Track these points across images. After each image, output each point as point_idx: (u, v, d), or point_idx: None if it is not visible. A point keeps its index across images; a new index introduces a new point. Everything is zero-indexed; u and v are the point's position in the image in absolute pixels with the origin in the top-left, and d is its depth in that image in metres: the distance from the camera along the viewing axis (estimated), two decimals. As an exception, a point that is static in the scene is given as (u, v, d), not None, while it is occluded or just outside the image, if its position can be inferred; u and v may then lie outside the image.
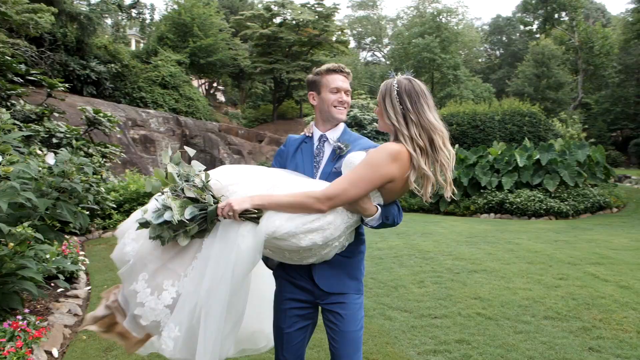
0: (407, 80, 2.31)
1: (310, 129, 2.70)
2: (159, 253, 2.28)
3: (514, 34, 55.03)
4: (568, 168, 13.28)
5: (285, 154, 2.68)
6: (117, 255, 2.41)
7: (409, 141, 2.23)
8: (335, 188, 2.16)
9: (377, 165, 2.16)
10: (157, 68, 26.16)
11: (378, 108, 2.40)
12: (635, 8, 19.37)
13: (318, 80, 2.62)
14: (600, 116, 37.91)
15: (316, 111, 2.67)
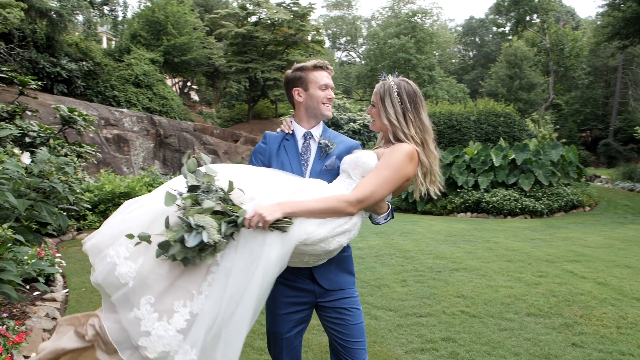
0: (405, 81, 2.43)
1: (290, 126, 2.63)
2: (165, 271, 1.99)
3: (486, 36, 55.86)
4: (542, 168, 13.51)
5: (268, 151, 2.56)
6: (105, 278, 2.00)
7: (411, 139, 2.34)
8: (364, 191, 2.19)
9: (399, 167, 2.25)
10: (131, 66, 25.72)
11: (375, 108, 2.46)
12: (606, 12, 19.81)
13: (304, 76, 2.57)
14: (571, 117, 38.81)
15: (300, 108, 2.61)
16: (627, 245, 8.53)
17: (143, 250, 2.00)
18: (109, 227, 2.12)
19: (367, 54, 41.53)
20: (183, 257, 1.92)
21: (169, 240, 1.91)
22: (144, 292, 1.96)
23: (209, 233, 1.87)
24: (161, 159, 23.12)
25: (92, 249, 2.09)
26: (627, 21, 17.49)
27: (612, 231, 10.18)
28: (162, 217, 2.00)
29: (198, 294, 1.96)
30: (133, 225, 2.02)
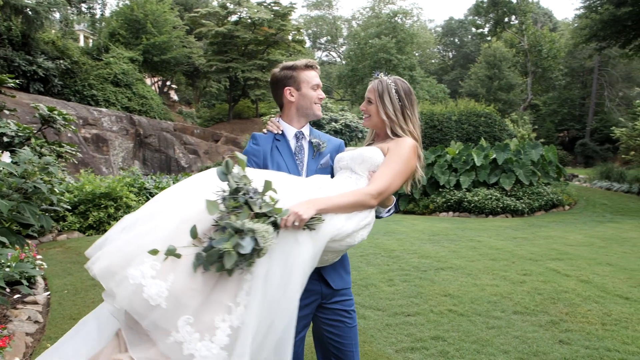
0: (400, 79, 2.54)
1: (279, 126, 2.59)
2: (199, 285, 1.81)
3: (466, 36, 56.44)
4: (523, 167, 13.66)
5: (262, 153, 2.49)
6: (130, 303, 1.77)
7: (409, 134, 2.44)
8: (382, 183, 2.25)
9: (409, 159, 2.35)
10: (109, 65, 25.39)
11: (372, 104, 2.52)
12: (583, 14, 20.15)
13: (296, 75, 2.54)
14: (549, 117, 39.40)
15: (291, 107, 2.57)
16: (607, 244, 8.66)
17: (171, 266, 1.80)
18: (118, 245, 1.88)
19: (347, 54, 41.58)
20: (232, 266, 1.76)
21: (219, 250, 1.73)
22: (180, 312, 1.77)
23: (263, 236, 1.77)
24: (141, 159, 22.86)
25: (105, 273, 1.83)
26: (604, 23, 17.81)
27: (592, 229, 10.33)
28: (184, 227, 1.84)
29: (235, 305, 1.82)
30: (152, 240, 1.83)
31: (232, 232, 1.75)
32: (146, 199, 11.27)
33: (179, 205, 1.93)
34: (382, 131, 2.55)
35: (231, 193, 1.86)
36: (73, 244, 8.63)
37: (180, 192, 2.03)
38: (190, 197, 1.99)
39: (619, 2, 17.47)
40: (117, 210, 10.26)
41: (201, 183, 2.09)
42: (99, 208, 10.13)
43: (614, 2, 17.70)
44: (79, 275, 6.50)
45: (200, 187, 2.03)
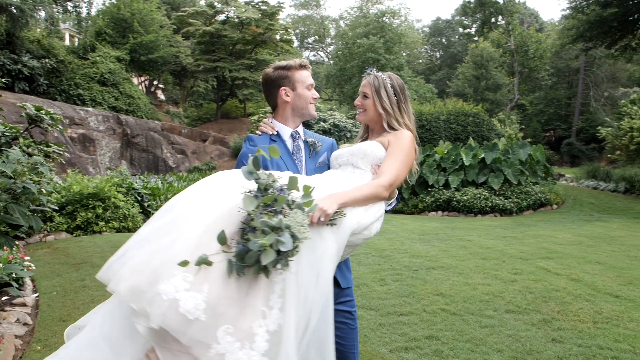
0: (394, 75, 2.62)
1: (274, 127, 2.57)
2: (234, 292, 1.74)
3: (453, 37, 56.67)
4: (511, 167, 13.75)
5: (262, 155, 2.47)
6: (165, 320, 1.67)
7: (405, 127, 2.53)
8: (391, 174, 2.31)
9: (410, 150, 2.44)
10: (96, 64, 25.17)
11: (367, 99, 2.59)
12: (570, 15, 20.34)
13: (290, 75, 2.53)
14: (535, 117, 39.73)
15: (286, 108, 2.57)
16: (596, 242, 8.74)
17: (203, 276, 1.72)
18: (141, 260, 1.76)
19: (335, 53, 41.59)
20: (272, 265, 1.70)
21: (258, 250, 1.66)
22: (219, 322, 1.70)
23: (299, 230, 1.72)
24: (128, 159, 22.68)
25: (134, 293, 1.71)
26: (590, 24, 17.99)
27: (580, 228, 10.42)
28: (209, 234, 1.76)
29: (269, 309, 1.75)
30: (178, 250, 1.73)
31: (269, 230, 1.69)
32: (134, 199, 11.17)
33: (200, 211, 1.85)
34: (377, 125, 2.63)
35: (261, 191, 1.80)
36: (61, 245, 8.53)
37: (199, 196, 1.94)
38: (210, 201, 1.90)
39: (605, 3, 17.67)
40: (105, 210, 10.16)
41: (219, 185, 2.02)
42: (87, 208, 10.02)
43: (600, 3, 17.90)
44: (67, 276, 6.42)
45: (218, 189, 1.97)
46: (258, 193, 1.79)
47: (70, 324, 4.80)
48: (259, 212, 1.73)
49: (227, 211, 1.81)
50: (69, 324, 4.72)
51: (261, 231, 1.69)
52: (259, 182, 1.81)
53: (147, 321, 1.69)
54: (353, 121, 21.66)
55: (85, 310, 5.04)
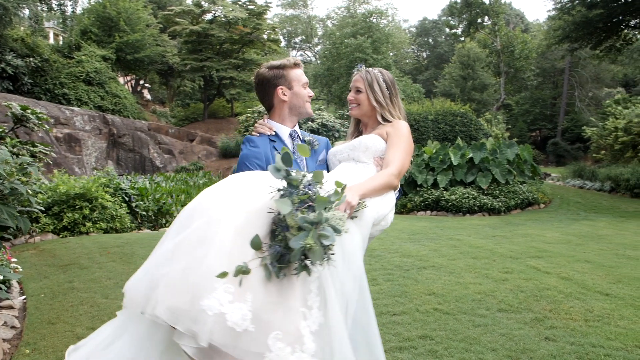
0: (384, 70, 2.68)
1: (271, 127, 2.53)
2: (275, 297, 1.70)
3: (439, 37, 56.97)
4: (499, 166, 13.83)
5: (263, 155, 2.42)
6: (213, 336, 1.60)
7: (398, 119, 2.60)
8: (398, 163, 2.37)
9: (410, 140, 2.52)
10: (81, 63, 24.91)
11: (361, 93, 2.64)
12: (556, 15, 20.55)
13: (286, 74, 2.51)
14: (521, 117, 40.09)
15: (284, 107, 2.54)
16: (584, 241, 8.81)
17: (244, 284, 1.66)
18: (175, 278, 1.68)
19: (323, 53, 41.58)
20: (318, 261, 1.65)
21: (302, 248, 1.60)
22: (268, 329, 1.65)
23: (338, 223, 1.67)
24: (115, 159, 22.47)
25: (175, 314, 1.63)
26: (576, 25, 18.18)
27: (567, 227, 10.50)
28: (240, 239, 1.70)
29: (308, 309, 1.73)
30: (213, 262, 1.66)
31: (309, 226, 1.63)
32: (122, 200, 11.06)
33: (227, 217, 1.76)
34: (371, 119, 2.67)
35: (293, 188, 1.74)
36: (47, 246, 8.41)
37: (221, 201, 1.84)
38: (234, 205, 1.81)
39: (591, 4, 17.87)
40: (92, 211, 10.05)
41: (238, 187, 1.93)
42: (74, 209, 9.90)
43: (585, 4, 18.11)
44: (55, 278, 6.33)
45: (239, 192, 1.89)
46: (292, 190, 1.73)
47: (59, 327, 4.75)
48: (294, 209, 1.67)
49: (254, 213, 1.75)
50: (58, 326, 4.68)
51: (297, 228, 1.64)
52: (290, 178, 1.75)
53: (194, 341, 1.62)
54: (341, 121, 21.66)
55: (74, 312, 4.98)
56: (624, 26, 18.81)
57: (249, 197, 1.82)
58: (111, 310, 5.04)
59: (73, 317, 4.84)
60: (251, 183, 1.91)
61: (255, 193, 1.83)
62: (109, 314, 4.94)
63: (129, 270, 6.70)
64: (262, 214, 1.76)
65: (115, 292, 5.71)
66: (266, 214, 1.76)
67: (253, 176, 1.99)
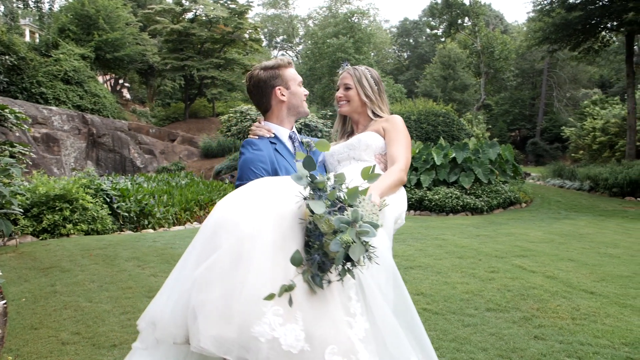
0: (371, 68, 2.72)
1: (270, 129, 2.45)
2: (321, 311, 1.63)
3: (420, 37, 57.31)
4: (481, 166, 13.94)
5: (268, 158, 2.32)
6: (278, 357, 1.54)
7: (387, 114, 2.65)
8: (404, 158, 2.38)
9: (408, 133, 2.54)
10: (59, 62, 24.44)
11: (351, 90, 2.65)
12: (537, 17, 20.83)
13: (281, 74, 2.45)
14: (501, 117, 40.55)
15: (282, 108, 2.48)
16: (566, 240, 8.92)
17: (297, 302, 1.60)
18: (216, 306, 1.57)
19: (305, 53, 41.54)
20: (360, 258, 1.57)
21: (344, 248, 1.53)
22: (323, 345, 1.58)
23: (373, 219, 1.60)
24: (94, 159, 22.14)
25: (224, 345, 1.55)
26: (556, 27, 18.43)
27: (549, 226, 10.62)
28: (277, 256, 1.62)
29: (352, 317, 1.68)
30: (254, 284, 1.58)
31: (346, 227, 1.55)
32: (103, 200, 10.88)
33: (259, 232, 1.65)
34: (362, 116, 2.69)
35: (321, 191, 1.66)
36: (27, 249, 8.23)
37: (247, 213, 1.71)
38: (263, 217, 1.69)
39: (570, 6, 18.14)
40: (72, 212, 9.87)
41: (261, 196, 1.81)
42: (54, 211, 9.71)
43: (565, 6, 18.37)
44: (36, 281, 6.19)
45: (265, 202, 1.76)
46: (322, 194, 1.65)
47: (42, 332, 4.64)
48: (326, 212, 1.60)
49: (287, 226, 1.66)
50: (41, 332, 4.57)
51: (332, 233, 1.57)
52: (317, 182, 1.66)
53: None
54: (324, 120, 21.64)
55: (58, 317, 4.86)
56: (601, 28, 19.13)
57: (277, 208, 1.72)
58: (96, 314, 4.95)
59: (57, 322, 4.73)
60: (274, 192, 1.82)
61: (282, 203, 1.74)
62: (93, 317, 4.85)
63: (113, 273, 6.60)
64: (295, 226, 1.69)
65: (99, 295, 5.61)
66: (298, 225, 1.68)
67: (273, 184, 1.90)
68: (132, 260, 7.38)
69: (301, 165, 1.68)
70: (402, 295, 1.89)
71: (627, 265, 6.86)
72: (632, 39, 19.19)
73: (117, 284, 6.08)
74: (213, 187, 15.86)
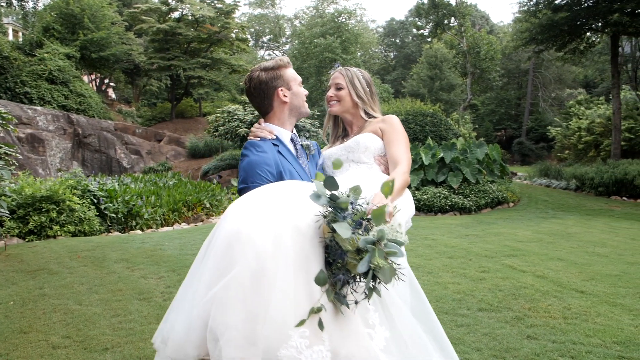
0: (361, 69, 2.71)
1: (271, 131, 2.38)
2: (345, 327, 1.60)
3: (407, 37, 57.52)
4: (469, 166, 14.01)
5: (273, 161, 2.25)
6: None
7: (379, 115, 2.64)
8: (406, 159, 2.38)
9: (405, 133, 2.54)
10: (44, 61, 24.19)
11: (343, 90, 2.62)
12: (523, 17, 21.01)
13: (282, 74, 2.40)
14: (487, 116, 40.86)
15: (284, 109, 2.42)
16: (555, 239, 8.99)
17: (314, 323, 1.55)
18: (242, 334, 1.51)
19: (292, 53, 41.48)
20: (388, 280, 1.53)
21: (373, 270, 1.50)
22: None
23: (397, 236, 1.56)
24: (80, 160, 21.91)
25: None
26: (542, 27, 18.61)
27: (537, 226, 10.70)
28: (301, 276, 1.57)
29: (372, 328, 1.67)
30: (279, 307, 1.53)
31: (372, 247, 1.51)
32: (90, 202, 10.76)
33: (279, 249, 1.58)
34: (355, 117, 2.67)
35: (343, 211, 1.60)
36: (13, 251, 8.11)
37: (263, 226, 1.63)
38: (281, 231, 1.62)
39: (556, 7, 18.32)
40: (59, 214, 9.76)
41: (276, 206, 1.73)
42: (40, 212, 9.60)
43: (551, 7, 18.55)
44: (24, 284, 6.11)
45: (281, 213, 1.68)
46: (343, 214, 1.59)
47: (32, 336, 4.58)
48: (350, 232, 1.53)
49: (308, 243, 1.61)
50: (31, 335, 4.51)
51: (354, 251, 1.52)
52: (339, 203, 1.60)
53: None
54: (311, 121, 21.62)
55: (47, 320, 4.80)
56: (586, 29, 19.34)
57: (294, 220, 1.65)
58: (86, 317, 4.89)
59: (46, 326, 4.67)
60: (288, 201, 1.74)
61: (298, 214, 1.66)
62: (83, 321, 4.79)
63: (102, 275, 6.53)
64: (315, 242, 1.63)
65: (89, 297, 5.54)
66: (318, 242, 1.63)
67: (284, 191, 1.83)
68: (121, 262, 7.31)
69: (320, 185, 1.62)
70: (419, 298, 1.93)
71: (616, 264, 6.93)
72: (617, 40, 19.41)
73: (107, 286, 6.02)
74: (201, 187, 15.77)
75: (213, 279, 1.60)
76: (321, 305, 1.54)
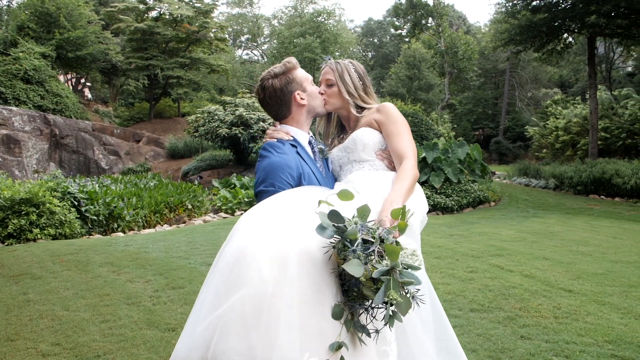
0: (355, 61, 2.56)
1: (288, 132, 2.32)
2: (360, 354, 1.57)
3: (385, 37, 57.78)
4: (451, 165, 14.11)
5: (294, 163, 2.18)
6: None
7: (374, 104, 2.51)
8: (411, 151, 2.25)
9: (405, 120, 2.38)
10: (18, 61, 23.67)
11: (333, 87, 2.47)
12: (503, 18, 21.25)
13: (294, 77, 2.34)
14: (465, 116, 41.27)
15: (302, 111, 2.36)
16: (538, 238, 9.10)
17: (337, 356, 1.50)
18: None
19: (271, 52, 41.32)
20: (406, 312, 1.49)
21: (391, 305, 1.45)
22: None
23: (413, 260, 1.52)
24: (57, 161, 21.51)
25: None
26: (521, 28, 18.85)
27: (520, 225, 10.82)
28: (311, 308, 1.51)
29: (387, 345, 1.65)
30: (285, 342, 1.46)
31: (387, 277, 1.45)
32: (71, 204, 10.56)
33: (286, 279, 1.52)
34: (350, 113, 2.51)
35: (352, 242, 1.52)
36: None
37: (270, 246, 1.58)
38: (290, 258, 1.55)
39: (535, 8, 18.58)
40: (39, 217, 9.56)
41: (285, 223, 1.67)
42: (20, 215, 9.39)
43: (530, 8, 18.81)
44: (7, 290, 5.96)
45: (289, 234, 1.62)
46: (355, 246, 1.51)
47: (20, 344, 4.47)
48: (362, 269, 1.47)
49: (319, 272, 1.55)
50: (18, 343, 4.40)
51: (371, 280, 1.46)
52: (349, 234, 1.52)
53: None
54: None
55: (35, 327, 4.69)
56: (564, 30, 19.66)
57: (307, 243, 1.58)
58: (75, 323, 4.79)
59: (34, 333, 4.56)
60: (303, 218, 1.66)
61: (309, 235, 1.57)
62: (72, 327, 4.69)
63: (87, 279, 6.41)
64: (326, 270, 1.57)
65: (75, 302, 5.43)
66: (329, 272, 1.58)
67: (302, 205, 1.76)
68: (105, 265, 7.19)
69: (324, 217, 1.55)
70: (438, 314, 1.95)
71: (600, 263, 7.04)
72: (594, 41, 19.77)
73: (93, 290, 5.91)
74: (182, 188, 15.61)
75: (217, 299, 1.55)
76: (342, 342, 1.48)
